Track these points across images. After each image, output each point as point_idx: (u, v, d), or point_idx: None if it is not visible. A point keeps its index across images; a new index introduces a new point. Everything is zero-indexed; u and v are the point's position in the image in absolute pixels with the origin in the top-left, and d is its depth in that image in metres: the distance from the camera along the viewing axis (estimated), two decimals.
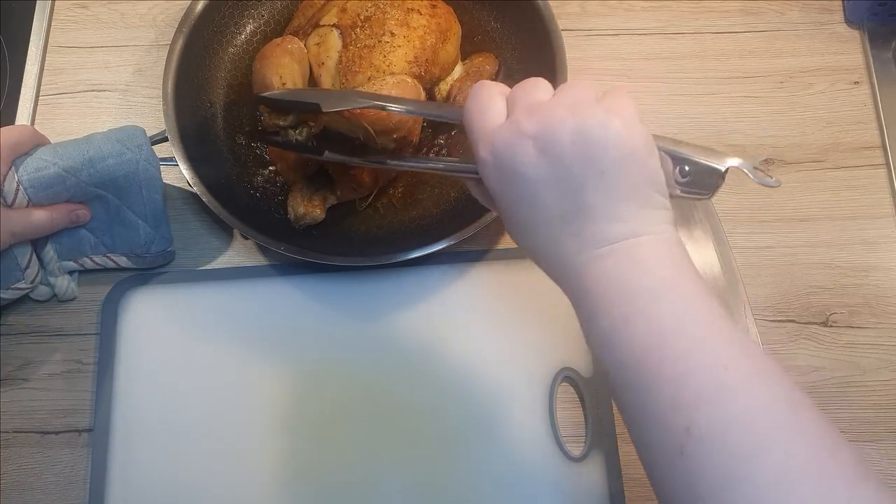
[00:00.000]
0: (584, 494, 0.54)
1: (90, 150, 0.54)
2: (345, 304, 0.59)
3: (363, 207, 0.61)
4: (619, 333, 0.35)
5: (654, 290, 0.34)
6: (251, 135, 0.64)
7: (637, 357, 0.34)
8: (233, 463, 0.55)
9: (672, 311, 0.34)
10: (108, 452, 0.55)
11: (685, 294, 0.34)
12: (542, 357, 0.57)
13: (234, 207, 0.57)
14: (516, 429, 0.56)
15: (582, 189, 0.36)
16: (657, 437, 0.33)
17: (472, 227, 0.56)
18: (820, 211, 0.63)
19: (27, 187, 0.52)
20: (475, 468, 0.55)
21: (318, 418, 0.56)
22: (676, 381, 0.32)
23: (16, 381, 0.58)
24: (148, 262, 0.60)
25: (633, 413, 0.34)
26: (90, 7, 0.70)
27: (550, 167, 0.36)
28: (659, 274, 0.35)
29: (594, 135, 0.35)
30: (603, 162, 0.35)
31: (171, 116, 0.58)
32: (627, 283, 0.35)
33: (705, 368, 0.32)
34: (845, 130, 0.66)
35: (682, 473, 0.32)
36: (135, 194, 0.56)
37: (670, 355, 0.33)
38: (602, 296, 0.36)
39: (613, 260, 0.36)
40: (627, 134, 0.35)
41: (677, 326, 0.33)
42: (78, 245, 0.58)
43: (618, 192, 0.35)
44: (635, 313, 0.34)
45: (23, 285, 0.56)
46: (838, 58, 0.69)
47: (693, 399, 0.32)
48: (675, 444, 0.32)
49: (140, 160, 0.56)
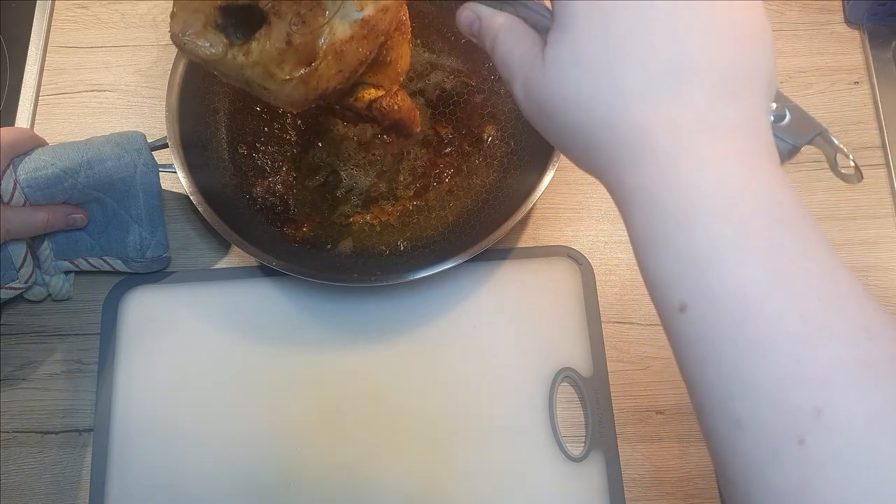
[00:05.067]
0: (584, 494, 0.54)
1: (89, 152, 0.54)
2: (344, 305, 0.59)
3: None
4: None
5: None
6: (253, 144, 0.63)
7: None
8: (232, 463, 0.55)
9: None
10: (108, 452, 0.55)
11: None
12: (542, 357, 0.57)
13: (231, 218, 0.57)
14: (516, 429, 0.56)
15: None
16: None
17: (470, 250, 0.55)
18: (820, 211, 0.63)
19: (24, 186, 0.52)
20: (475, 468, 0.55)
21: (318, 418, 0.56)
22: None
23: (16, 381, 0.58)
24: (142, 267, 0.59)
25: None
26: (90, 7, 0.70)
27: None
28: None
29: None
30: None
31: (173, 123, 0.58)
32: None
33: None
34: (845, 130, 0.66)
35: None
36: (132, 198, 0.56)
37: None
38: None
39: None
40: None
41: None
42: (74, 245, 0.58)
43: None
44: None
45: (17, 285, 0.56)
46: (838, 58, 0.69)
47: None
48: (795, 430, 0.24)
49: (139, 164, 0.56)
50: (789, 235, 0.26)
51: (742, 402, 0.25)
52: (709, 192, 0.27)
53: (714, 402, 0.26)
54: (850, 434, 0.23)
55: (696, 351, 0.27)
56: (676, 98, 0.28)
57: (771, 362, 0.25)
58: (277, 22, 0.42)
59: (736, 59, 0.28)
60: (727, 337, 0.26)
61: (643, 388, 0.57)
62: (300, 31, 0.42)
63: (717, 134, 0.27)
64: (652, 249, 0.28)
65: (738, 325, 0.25)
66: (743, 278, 0.25)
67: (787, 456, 0.24)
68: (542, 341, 0.58)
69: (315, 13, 0.42)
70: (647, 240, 0.28)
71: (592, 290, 0.59)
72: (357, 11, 0.42)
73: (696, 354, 0.27)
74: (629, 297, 0.60)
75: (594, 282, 0.60)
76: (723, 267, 0.26)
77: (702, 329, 0.26)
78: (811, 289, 0.25)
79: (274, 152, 0.63)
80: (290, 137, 0.64)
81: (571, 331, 0.58)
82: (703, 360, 0.26)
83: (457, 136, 0.63)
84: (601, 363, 0.57)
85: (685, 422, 0.57)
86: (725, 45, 0.28)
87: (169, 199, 0.63)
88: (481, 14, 0.34)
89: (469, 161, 0.63)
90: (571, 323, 0.59)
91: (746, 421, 0.25)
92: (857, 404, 0.24)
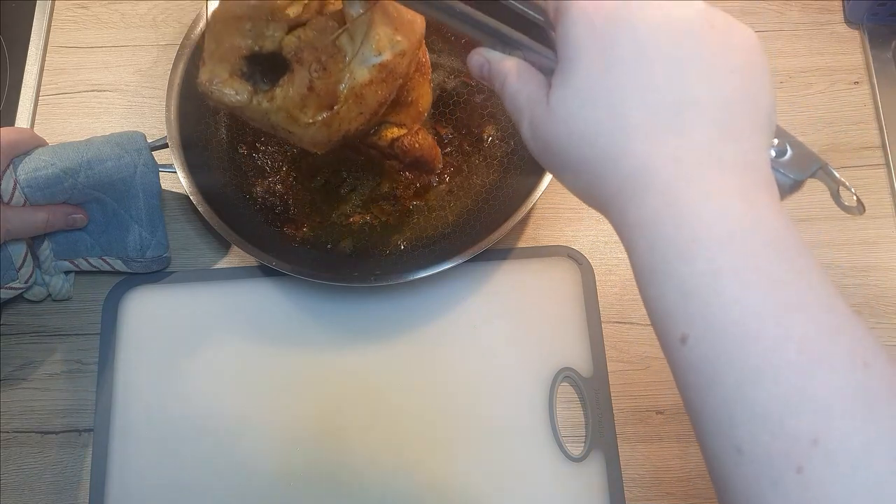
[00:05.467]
0: (584, 494, 0.54)
1: (89, 152, 0.54)
2: (344, 305, 0.59)
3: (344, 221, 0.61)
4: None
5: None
6: (252, 144, 0.63)
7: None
8: (232, 463, 0.55)
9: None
10: (108, 452, 0.55)
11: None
12: (542, 357, 0.57)
13: (231, 218, 0.57)
14: (516, 429, 0.56)
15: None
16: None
17: (470, 250, 0.55)
18: (820, 211, 0.63)
19: (24, 186, 0.52)
20: (475, 468, 0.55)
21: (318, 418, 0.56)
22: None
23: (16, 381, 0.58)
24: (142, 268, 0.59)
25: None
26: (90, 7, 0.70)
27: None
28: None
29: (717, 19, 0.30)
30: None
31: (172, 124, 0.58)
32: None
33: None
34: (845, 130, 0.66)
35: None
36: (132, 198, 0.57)
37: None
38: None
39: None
40: (753, 38, 0.30)
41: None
42: (74, 245, 0.58)
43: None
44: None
45: (17, 285, 0.56)
46: (838, 58, 0.69)
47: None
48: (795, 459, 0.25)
49: (139, 164, 0.56)
50: (788, 267, 0.27)
51: (742, 428, 0.26)
52: (710, 223, 0.27)
53: (715, 429, 0.27)
54: (846, 463, 0.24)
55: (697, 378, 0.27)
56: (677, 134, 0.28)
57: (770, 390, 0.25)
58: (300, 69, 0.43)
59: (735, 96, 0.29)
60: (728, 364, 0.26)
61: (643, 388, 0.57)
62: (321, 77, 0.43)
63: (717, 168, 0.28)
64: (654, 281, 0.28)
65: (739, 352, 0.26)
66: (744, 308, 0.26)
67: (786, 483, 0.25)
68: (542, 341, 0.58)
69: (335, 59, 0.44)
70: (649, 271, 0.29)
71: (592, 290, 0.59)
72: (375, 56, 0.44)
73: (697, 381, 0.27)
74: (629, 297, 0.60)
75: (594, 282, 0.60)
76: (723, 296, 0.26)
77: (703, 356, 0.27)
78: (810, 319, 0.26)
79: (274, 152, 0.63)
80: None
81: (571, 331, 0.58)
82: (705, 387, 0.27)
83: (457, 136, 0.63)
84: (601, 363, 0.57)
85: (685, 422, 0.57)
86: (725, 81, 0.29)
87: (169, 199, 0.63)
88: (490, 58, 0.35)
89: (469, 161, 0.63)
90: (571, 323, 0.59)
91: (746, 447, 0.26)
92: (854, 434, 0.24)
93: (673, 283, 0.27)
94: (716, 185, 0.28)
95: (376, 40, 0.44)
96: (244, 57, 0.44)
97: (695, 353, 0.27)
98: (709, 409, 0.27)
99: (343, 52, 0.44)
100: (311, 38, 0.44)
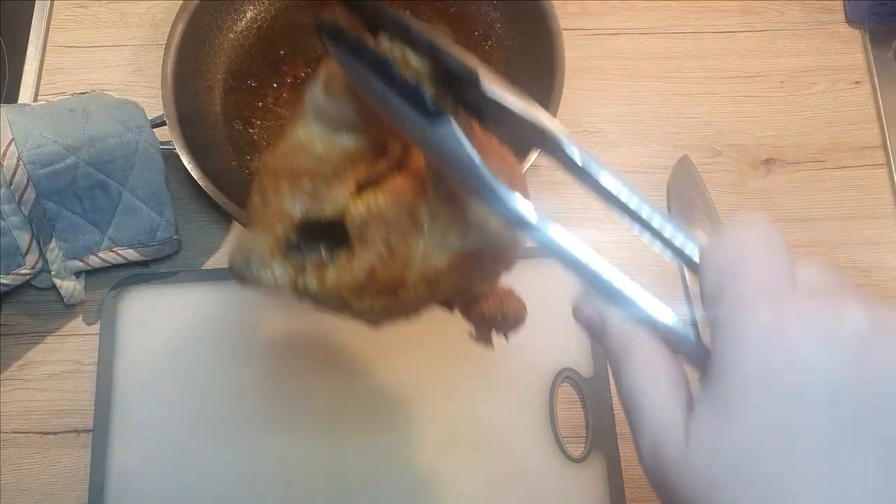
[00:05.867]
0: (584, 495, 0.54)
1: (90, 128, 0.54)
2: None
3: None
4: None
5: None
6: (248, 120, 0.64)
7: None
8: (232, 463, 0.55)
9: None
10: (107, 453, 0.55)
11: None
12: (542, 357, 0.57)
13: (231, 193, 0.57)
14: (516, 429, 0.56)
15: None
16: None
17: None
18: (821, 211, 0.63)
19: (27, 163, 0.52)
20: (475, 468, 0.54)
21: (317, 418, 0.56)
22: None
23: (16, 381, 0.58)
24: (155, 252, 0.59)
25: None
26: (89, 6, 0.70)
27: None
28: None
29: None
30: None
31: (169, 100, 0.59)
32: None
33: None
34: (846, 130, 0.66)
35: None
36: (136, 176, 0.57)
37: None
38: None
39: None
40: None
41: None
42: (83, 243, 0.57)
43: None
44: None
45: (24, 271, 0.56)
46: (839, 57, 0.68)
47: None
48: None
49: (140, 141, 0.56)
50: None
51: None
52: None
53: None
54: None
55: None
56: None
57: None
58: (362, 251, 0.35)
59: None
60: None
61: None
62: (388, 264, 0.35)
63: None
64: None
65: None
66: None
67: None
68: (542, 341, 0.58)
69: (408, 236, 0.35)
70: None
71: None
72: (458, 242, 0.35)
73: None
74: None
75: None
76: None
77: None
78: None
79: (269, 126, 0.64)
80: (284, 112, 0.64)
81: (571, 331, 0.58)
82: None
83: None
84: (601, 363, 0.57)
85: None
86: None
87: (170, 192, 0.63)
88: (607, 316, 0.28)
89: None
90: (571, 323, 0.58)
91: None
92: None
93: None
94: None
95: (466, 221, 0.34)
96: (296, 225, 0.36)
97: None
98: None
99: (421, 225, 0.35)
100: (383, 208, 0.35)
